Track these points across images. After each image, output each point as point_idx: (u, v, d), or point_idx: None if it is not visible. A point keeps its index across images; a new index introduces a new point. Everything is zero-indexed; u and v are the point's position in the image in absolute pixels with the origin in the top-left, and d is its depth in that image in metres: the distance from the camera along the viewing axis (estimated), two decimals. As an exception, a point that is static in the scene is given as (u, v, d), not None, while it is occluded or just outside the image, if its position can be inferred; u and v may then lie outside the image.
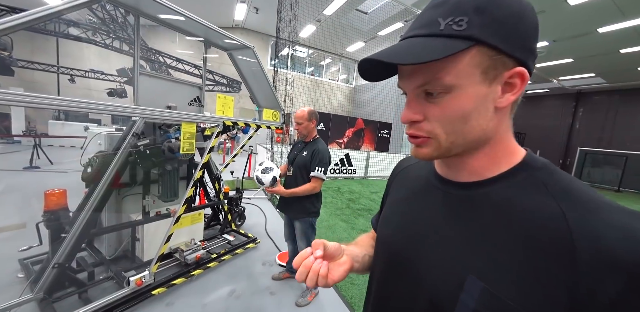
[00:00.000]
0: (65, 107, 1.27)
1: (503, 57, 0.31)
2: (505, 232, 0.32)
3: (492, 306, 0.30)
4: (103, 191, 1.75)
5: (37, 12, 1.09)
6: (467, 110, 0.33)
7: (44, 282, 1.56)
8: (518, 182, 0.35)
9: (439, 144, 0.36)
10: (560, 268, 0.28)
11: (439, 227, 0.39)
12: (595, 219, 0.28)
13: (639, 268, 0.25)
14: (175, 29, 2.00)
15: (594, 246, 0.27)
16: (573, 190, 0.32)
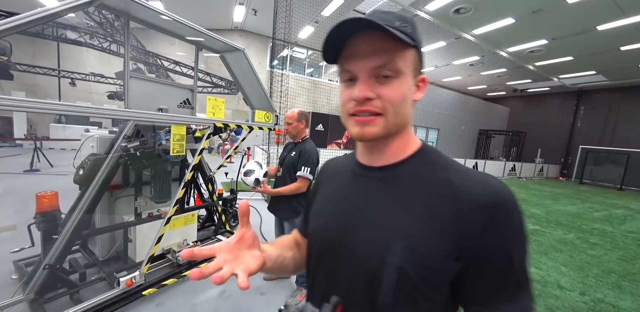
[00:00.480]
0: (60, 111, 1.28)
1: (419, 64, 0.43)
2: (414, 200, 0.42)
3: (411, 260, 0.38)
4: (94, 192, 1.77)
5: (29, 16, 1.11)
6: (406, 94, 0.42)
7: (35, 283, 1.58)
8: (419, 162, 0.45)
9: (387, 122, 0.42)
10: (451, 218, 0.38)
11: (363, 207, 0.46)
12: (467, 180, 0.40)
13: (493, 206, 0.37)
14: (166, 32, 2.02)
15: (467, 196, 0.39)
16: (451, 164, 0.44)
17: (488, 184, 0.39)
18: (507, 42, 9.80)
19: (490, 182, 0.40)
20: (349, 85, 0.43)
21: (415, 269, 0.38)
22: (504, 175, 12.01)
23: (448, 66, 13.74)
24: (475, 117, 14.79)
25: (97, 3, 1.44)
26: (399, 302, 0.39)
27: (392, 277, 0.39)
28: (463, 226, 0.37)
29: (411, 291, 0.39)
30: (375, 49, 0.40)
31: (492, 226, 0.37)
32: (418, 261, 0.38)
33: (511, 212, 0.38)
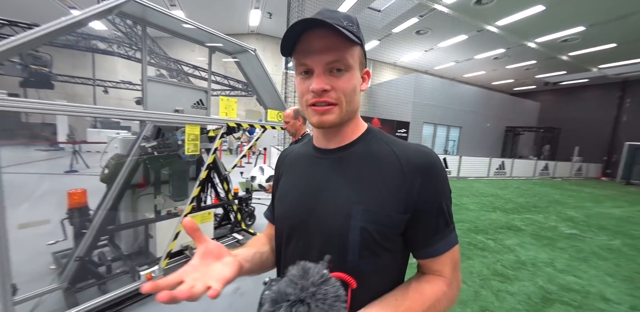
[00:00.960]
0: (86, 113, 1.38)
1: (364, 59, 0.51)
2: (367, 170, 0.50)
3: (370, 219, 0.46)
4: (117, 190, 1.87)
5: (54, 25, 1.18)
6: (355, 86, 0.49)
7: (67, 274, 1.71)
8: (368, 140, 0.54)
9: (341, 110, 0.48)
10: (398, 180, 0.47)
11: (325, 184, 0.52)
12: (405, 149, 0.50)
13: (426, 166, 0.48)
14: (181, 36, 2.10)
15: (407, 162, 0.48)
16: (392, 138, 0.54)
17: (421, 150, 0.50)
18: (536, 32, 9.14)
19: (423, 149, 0.50)
20: (304, 78, 0.48)
21: (374, 227, 0.46)
22: (535, 175, 11.18)
23: (470, 61, 13.10)
24: (501, 113, 13.88)
25: (116, 11, 1.53)
26: (364, 257, 0.47)
27: (357, 236, 0.46)
28: (407, 185, 0.46)
29: (373, 246, 0.46)
30: (327, 45, 0.45)
31: (428, 181, 0.47)
32: (376, 220, 0.46)
33: (439, 170, 0.49)
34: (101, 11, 1.40)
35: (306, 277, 0.36)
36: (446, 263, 0.49)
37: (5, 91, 1.09)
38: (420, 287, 0.48)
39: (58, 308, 1.63)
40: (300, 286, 0.36)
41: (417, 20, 9.31)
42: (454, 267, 0.50)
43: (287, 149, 0.70)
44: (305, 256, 0.48)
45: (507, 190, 7.38)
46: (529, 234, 3.68)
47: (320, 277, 0.37)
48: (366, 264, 0.47)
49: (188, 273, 0.39)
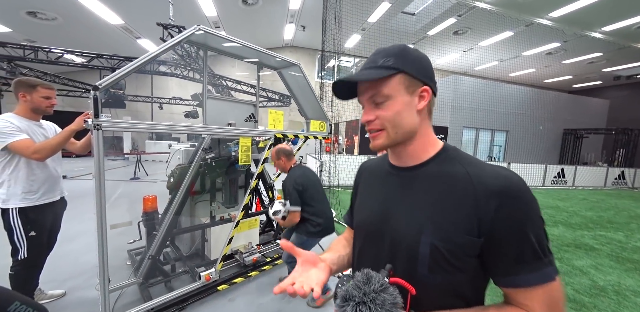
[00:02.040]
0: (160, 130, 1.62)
1: (416, 80, 0.54)
2: (440, 191, 0.52)
3: (439, 237, 0.49)
4: (181, 197, 2.09)
5: (141, 60, 1.42)
6: (399, 110, 0.54)
7: (142, 270, 1.94)
8: (442, 160, 0.55)
9: (388, 134, 0.55)
10: (469, 203, 0.48)
11: (399, 200, 0.57)
12: (482, 171, 0.51)
13: (503, 192, 0.47)
14: (234, 56, 2.32)
15: (482, 185, 0.48)
16: (469, 159, 0.54)
17: (499, 174, 0.49)
18: (601, 20, 8.07)
19: (502, 172, 0.50)
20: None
21: (443, 245, 0.48)
22: (607, 184, 9.61)
23: (517, 58, 12.04)
24: (556, 114, 12.33)
25: (185, 40, 1.76)
26: (433, 272, 0.50)
27: (426, 251, 0.49)
28: (480, 209, 0.47)
29: (442, 263, 0.49)
30: (366, 87, 0.56)
31: (504, 207, 0.46)
32: (445, 238, 0.48)
33: (521, 195, 0.47)
34: (175, 43, 1.62)
35: (369, 284, 0.43)
36: (536, 299, 0.46)
37: (110, 114, 1.32)
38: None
39: (135, 300, 1.85)
40: (364, 291, 0.42)
41: (454, 21, 8.93)
42: (551, 308, 0.46)
43: (366, 161, 0.75)
44: (377, 261, 0.56)
45: (569, 201, 6.46)
46: (606, 254, 3.16)
47: (380, 285, 0.43)
48: (436, 278, 0.50)
49: (296, 278, 0.53)
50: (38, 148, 1.52)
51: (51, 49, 7.09)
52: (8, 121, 1.51)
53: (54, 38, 9.34)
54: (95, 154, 1.30)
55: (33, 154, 1.51)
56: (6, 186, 1.54)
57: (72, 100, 12.40)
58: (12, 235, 1.54)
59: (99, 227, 1.33)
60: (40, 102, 1.63)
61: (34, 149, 1.51)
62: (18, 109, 1.62)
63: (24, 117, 1.61)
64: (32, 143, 1.54)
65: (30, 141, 1.54)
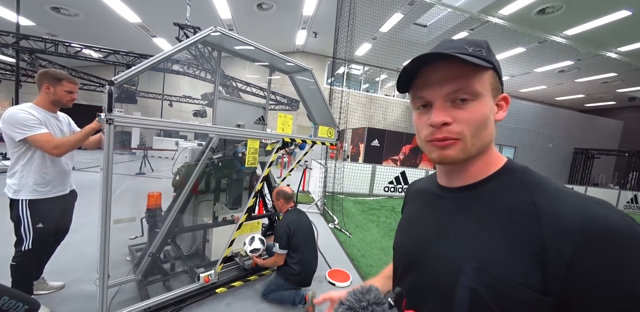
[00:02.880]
0: (169, 127, 1.62)
1: (498, 84, 0.44)
2: (490, 221, 0.41)
3: (483, 282, 0.38)
4: (186, 195, 2.09)
5: (157, 58, 1.45)
6: (487, 115, 0.42)
7: (142, 267, 1.92)
8: (502, 182, 0.43)
9: (465, 145, 0.42)
10: (531, 243, 0.36)
11: (440, 227, 0.47)
12: (556, 202, 0.37)
13: (584, 235, 0.33)
14: (247, 58, 2.35)
15: (553, 220, 0.35)
16: (542, 184, 0.40)
17: (584, 208, 0.35)
18: (617, 40, 8.03)
19: (590, 207, 0.35)
20: (422, 112, 0.45)
21: (487, 292, 0.37)
22: (618, 207, 9.35)
23: (528, 75, 12.01)
24: (567, 133, 12.18)
25: (201, 41, 1.79)
26: None
27: (465, 297, 0.39)
28: (547, 255, 0.34)
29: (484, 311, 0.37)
30: (448, 75, 0.41)
31: (588, 255, 0.32)
32: (492, 285, 0.37)
33: (621, 243, 0.32)
34: (191, 43, 1.65)
35: (365, 295, 0.43)
36: None
37: (122, 110, 1.34)
38: None
39: (133, 297, 1.82)
40: (358, 298, 0.43)
41: (466, 34, 8.97)
42: None
43: (415, 181, 0.68)
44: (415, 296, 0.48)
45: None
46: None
47: (375, 299, 0.43)
48: None
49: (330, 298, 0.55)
50: (58, 144, 1.54)
51: (71, 44, 7.31)
52: (29, 113, 1.52)
53: (73, 33, 9.65)
54: (105, 149, 1.30)
55: (53, 150, 1.52)
56: (18, 177, 1.55)
57: (85, 94, 12.71)
58: (20, 226, 1.54)
59: (102, 223, 1.33)
60: (63, 96, 1.64)
61: (54, 145, 1.52)
62: (38, 100, 1.62)
63: (42, 108, 1.62)
64: (52, 138, 1.55)
65: (51, 136, 1.56)
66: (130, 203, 3.56)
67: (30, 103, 1.61)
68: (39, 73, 1.62)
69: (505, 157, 0.47)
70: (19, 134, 1.47)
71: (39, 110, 1.59)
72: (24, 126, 1.47)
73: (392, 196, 6.91)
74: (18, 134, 1.47)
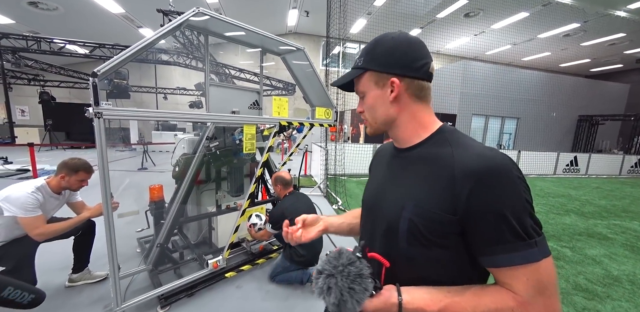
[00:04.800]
0: (163, 118, 1.58)
1: (383, 74, 0.57)
2: (423, 171, 0.55)
3: (418, 213, 0.52)
4: (187, 186, 2.09)
5: (137, 46, 1.35)
6: (372, 104, 0.61)
7: (151, 258, 1.97)
8: (434, 142, 0.57)
9: (370, 124, 0.64)
10: (446, 182, 0.50)
11: (391, 180, 0.62)
12: (466, 152, 0.51)
13: (481, 171, 0.47)
14: (237, 41, 2.22)
15: (462, 166, 0.49)
16: (460, 140, 0.55)
17: (482, 155, 0.49)
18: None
19: (486, 153, 0.49)
20: None
21: (420, 220, 0.51)
22: (622, 173, 9.32)
23: (531, 41, 11.45)
24: (571, 100, 11.80)
25: (184, 25, 1.67)
26: (412, 245, 0.53)
27: (405, 226, 0.53)
28: (456, 188, 0.48)
29: (420, 237, 0.52)
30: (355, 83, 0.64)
31: (480, 187, 0.46)
32: (422, 214, 0.51)
33: (500, 176, 0.46)
34: (174, 27, 1.54)
35: (338, 259, 0.49)
36: (519, 279, 0.46)
37: (110, 102, 1.28)
38: (481, 291, 0.49)
39: (146, 286, 1.89)
40: (333, 265, 0.48)
41: (466, 1, 8.45)
42: (537, 289, 0.45)
43: (382, 145, 0.82)
44: (370, 235, 0.64)
45: (582, 190, 6.31)
46: (621, 244, 3.09)
47: (347, 260, 0.49)
48: (414, 252, 0.53)
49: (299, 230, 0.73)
50: (42, 232, 1.58)
51: (53, 40, 7.03)
52: (35, 198, 1.58)
53: (56, 29, 9.24)
54: (97, 144, 1.26)
55: (37, 236, 1.57)
56: None
57: (78, 92, 12.49)
58: None
59: (105, 217, 1.33)
60: (74, 184, 1.74)
61: (40, 231, 1.57)
62: (53, 182, 1.71)
63: (52, 190, 1.71)
64: (40, 223, 1.59)
65: (40, 220, 1.60)
66: (135, 198, 3.61)
67: (44, 182, 1.69)
68: (60, 163, 1.72)
69: (441, 123, 0.60)
70: (11, 212, 1.51)
71: (46, 193, 1.67)
72: (22, 209, 1.52)
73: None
74: (10, 212, 1.51)
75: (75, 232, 1.87)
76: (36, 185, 1.63)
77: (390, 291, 0.51)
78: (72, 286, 1.90)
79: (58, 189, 1.72)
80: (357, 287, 0.46)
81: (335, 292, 0.46)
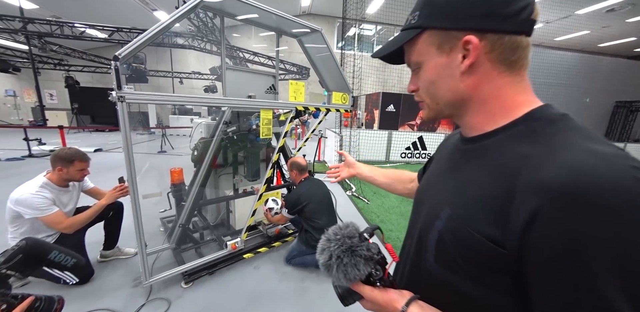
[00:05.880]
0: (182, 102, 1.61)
1: (452, 32, 0.38)
2: (477, 172, 0.40)
3: (450, 227, 0.40)
4: (205, 170, 2.13)
5: (153, 30, 1.32)
6: (432, 78, 0.43)
7: (174, 237, 2.08)
8: (511, 134, 0.39)
9: (429, 106, 0.46)
10: (499, 195, 0.34)
11: (442, 176, 0.50)
12: (550, 156, 0.32)
13: (555, 191, 0.28)
14: (252, 23, 2.14)
15: (531, 175, 0.31)
16: (556, 136, 0.34)
17: (576, 161, 0.29)
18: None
19: (583, 160, 0.29)
20: None
21: (450, 237, 0.39)
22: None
23: (567, 19, 10.36)
24: (608, 84, 10.76)
25: (200, 6, 1.61)
26: (439, 264, 0.42)
27: (433, 238, 0.43)
28: (511, 207, 0.32)
29: (448, 257, 0.40)
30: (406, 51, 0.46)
31: (545, 216, 0.28)
32: (454, 230, 0.39)
33: (594, 207, 0.26)
34: (189, 8, 1.49)
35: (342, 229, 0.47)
36: None
37: (131, 86, 1.29)
38: None
39: (170, 263, 2.02)
40: (335, 232, 0.47)
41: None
42: None
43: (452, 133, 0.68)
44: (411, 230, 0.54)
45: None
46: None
47: (348, 233, 0.46)
48: (442, 272, 0.42)
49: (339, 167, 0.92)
50: (70, 224, 1.68)
51: (74, 24, 7.13)
52: (42, 197, 1.61)
53: (76, 13, 9.34)
54: (121, 127, 1.30)
55: (65, 229, 1.67)
56: None
57: (100, 77, 12.83)
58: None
59: (132, 197, 1.40)
60: (75, 175, 1.74)
61: (66, 225, 1.66)
62: (54, 177, 1.72)
63: (56, 184, 1.72)
64: (62, 218, 1.66)
65: (61, 215, 1.67)
66: (156, 179, 3.77)
67: (44, 179, 1.69)
68: (51, 156, 1.69)
69: (540, 103, 0.40)
70: (29, 214, 1.58)
71: (51, 188, 1.69)
72: (36, 210, 1.58)
73: (409, 162, 6.81)
74: (28, 215, 1.58)
75: (107, 214, 1.98)
76: (38, 184, 1.65)
77: (400, 295, 0.43)
78: (104, 261, 2.05)
79: (62, 182, 1.74)
80: (346, 260, 0.43)
81: (325, 254, 0.45)
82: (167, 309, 1.60)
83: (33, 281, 1.73)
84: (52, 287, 1.68)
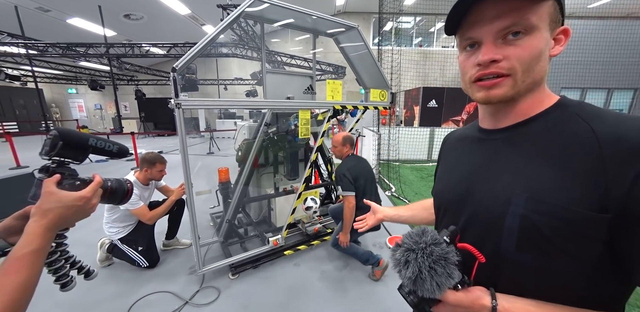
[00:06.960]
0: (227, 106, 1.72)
1: (559, 15, 0.41)
2: (543, 153, 0.41)
3: (535, 209, 0.39)
4: (248, 170, 2.27)
5: (202, 43, 1.46)
6: (542, 50, 0.40)
7: (222, 232, 2.26)
8: (555, 117, 0.43)
9: (515, 82, 0.41)
10: (590, 166, 0.36)
11: (486, 167, 0.48)
12: (618, 127, 0.37)
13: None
14: (290, 26, 2.21)
15: (614, 142, 0.36)
16: (602, 113, 0.40)
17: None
18: None
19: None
20: (469, 53, 0.44)
21: (541, 219, 0.38)
22: None
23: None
24: None
25: (242, 16, 1.71)
26: (523, 250, 0.41)
27: (514, 223, 0.40)
28: (609, 176, 0.35)
29: (538, 240, 0.39)
30: (504, 10, 0.39)
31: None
32: (545, 211, 0.38)
33: None
34: (233, 19, 1.60)
35: (421, 236, 0.44)
36: None
37: (186, 94, 1.44)
38: None
39: (219, 255, 2.19)
40: (415, 240, 0.43)
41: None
42: None
43: (451, 132, 0.67)
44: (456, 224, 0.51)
45: None
46: None
47: (432, 239, 0.43)
48: (525, 258, 0.41)
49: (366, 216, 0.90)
50: (150, 217, 2.00)
51: (142, 44, 8.28)
52: (134, 193, 1.87)
53: (142, 35, 10.82)
54: (178, 131, 1.45)
55: (148, 220, 1.99)
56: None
57: (161, 88, 14.65)
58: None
59: (188, 193, 1.56)
60: (156, 175, 2.05)
61: (148, 217, 1.98)
62: (141, 176, 2.04)
63: (141, 182, 2.04)
64: (146, 211, 2.00)
65: (145, 209, 2.00)
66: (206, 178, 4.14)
67: (134, 177, 2.02)
68: (140, 158, 2.05)
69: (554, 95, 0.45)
70: (124, 207, 1.90)
71: (138, 186, 2.00)
72: (129, 204, 1.90)
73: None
74: (123, 206, 1.90)
75: (173, 208, 2.25)
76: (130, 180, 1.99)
77: (482, 292, 0.42)
78: (166, 249, 2.33)
79: (146, 181, 2.06)
80: (440, 270, 0.40)
81: (413, 268, 0.41)
82: (217, 297, 1.74)
83: (116, 262, 2.09)
84: (130, 269, 2.02)
